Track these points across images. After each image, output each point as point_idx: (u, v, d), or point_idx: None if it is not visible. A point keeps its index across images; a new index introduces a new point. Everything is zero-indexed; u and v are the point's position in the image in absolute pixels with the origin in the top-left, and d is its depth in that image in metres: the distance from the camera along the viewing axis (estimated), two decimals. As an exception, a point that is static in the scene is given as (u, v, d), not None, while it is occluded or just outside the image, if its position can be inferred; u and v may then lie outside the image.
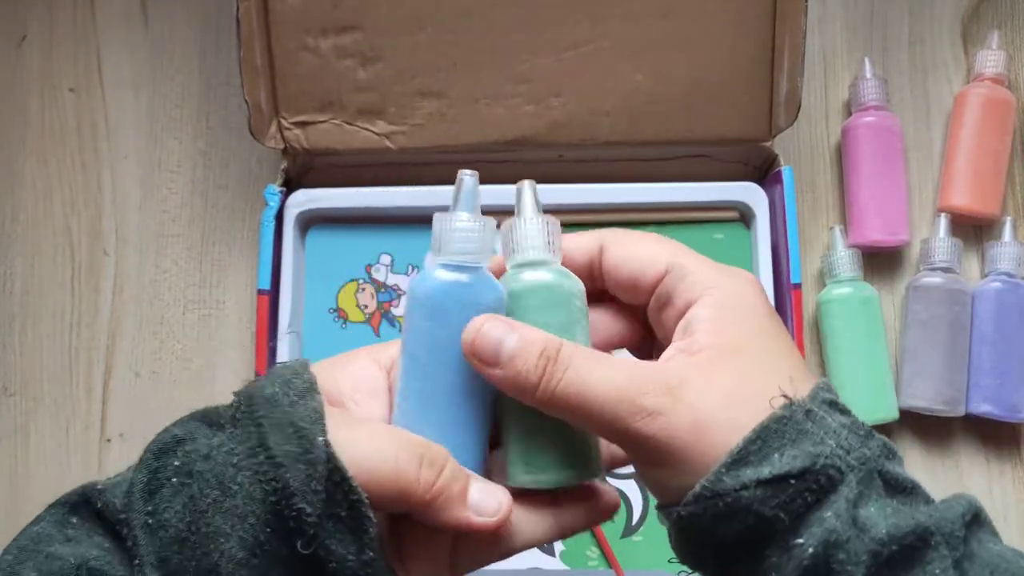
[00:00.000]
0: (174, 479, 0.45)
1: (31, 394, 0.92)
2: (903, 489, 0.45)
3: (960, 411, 0.85)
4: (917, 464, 0.87)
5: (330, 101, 0.83)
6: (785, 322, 0.81)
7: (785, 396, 0.45)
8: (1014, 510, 0.87)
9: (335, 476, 0.43)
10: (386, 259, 0.86)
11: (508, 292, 0.48)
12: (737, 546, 0.44)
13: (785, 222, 0.82)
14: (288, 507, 0.43)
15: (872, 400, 0.85)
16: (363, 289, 0.85)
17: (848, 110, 0.93)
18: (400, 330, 0.84)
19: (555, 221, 0.50)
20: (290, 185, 0.87)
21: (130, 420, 0.91)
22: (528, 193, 0.51)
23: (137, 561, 0.44)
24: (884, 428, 0.87)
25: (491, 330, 0.46)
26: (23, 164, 0.95)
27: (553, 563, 0.81)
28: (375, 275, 0.85)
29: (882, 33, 0.94)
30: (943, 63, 0.93)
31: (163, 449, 0.47)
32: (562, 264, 0.50)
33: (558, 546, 0.81)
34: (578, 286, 0.49)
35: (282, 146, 0.84)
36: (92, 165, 0.95)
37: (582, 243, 0.51)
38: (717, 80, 0.82)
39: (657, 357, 0.48)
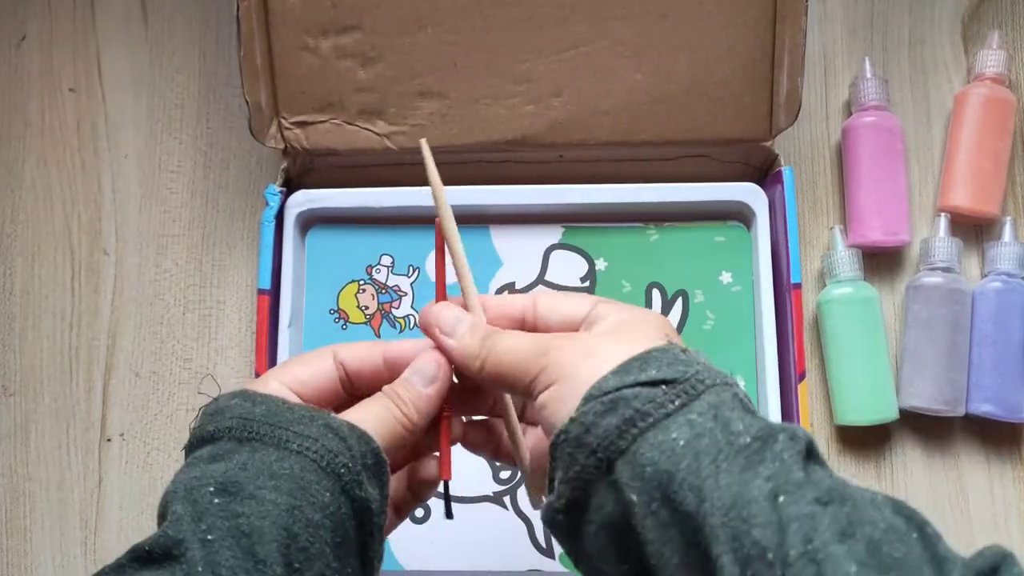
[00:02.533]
0: (217, 500, 0.52)
1: (31, 394, 0.92)
2: (756, 413, 0.52)
3: (960, 411, 0.85)
4: (917, 464, 0.87)
5: (330, 101, 0.83)
6: (785, 322, 0.82)
7: (667, 338, 0.55)
8: (1015, 510, 0.87)
9: (362, 440, 0.55)
10: (387, 260, 0.85)
11: None
12: (614, 440, 0.50)
13: (785, 222, 0.82)
14: (335, 467, 0.53)
15: (872, 400, 0.85)
16: (364, 290, 0.85)
17: (848, 110, 0.93)
18: (400, 331, 0.85)
19: None
20: (290, 185, 0.87)
21: (130, 420, 0.91)
22: None
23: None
24: (884, 428, 0.87)
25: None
26: (23, 164, 0.95)
27: (552, 565, 0.81)
28: (376, 276, 0.85)
29: (882, 33, 0.94)
30: (943, 63, 0.93)
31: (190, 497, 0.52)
32: (498, 315, 0.60)
33: (557, 548, 0.81)
34: None
35: (282, 146, 0.84)
36: (92, 165, 0.95)
37: (517, 300, 0.61)
38: (717, 80, 0.82)
39: None
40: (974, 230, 0.91)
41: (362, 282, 0.86)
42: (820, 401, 0.88)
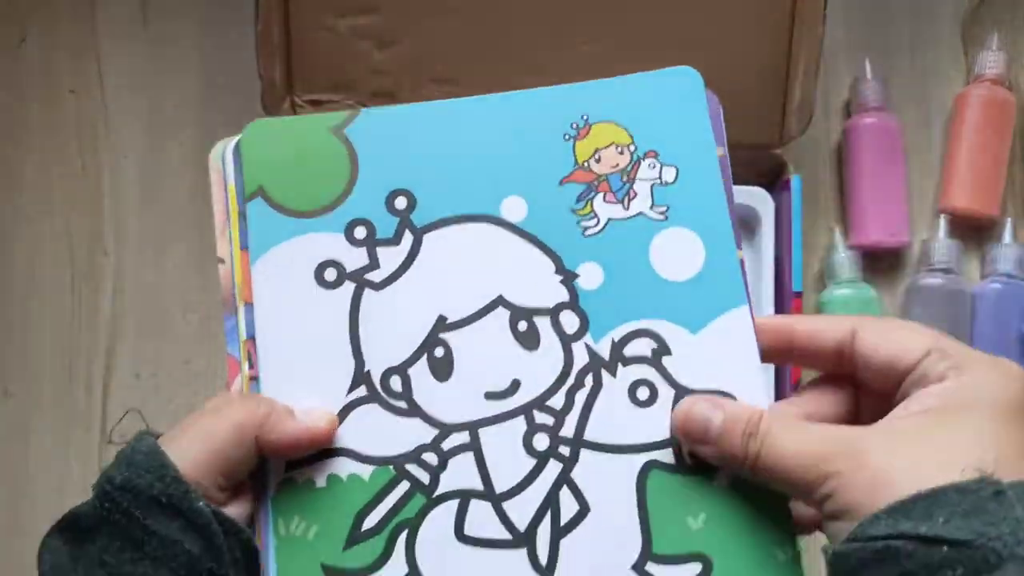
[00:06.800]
0: None
1: (31, 395, 0.91)
2: None
3: (961, 412, 0.85)
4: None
5: (345, 81, 0.83)
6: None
7: (980, 471, 0.41)
8: (1016, 512, 0.87)
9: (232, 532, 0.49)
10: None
11: None
12: None
13: (790, 230, 0.82)
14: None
15: (873, 402, 0.85)
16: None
17: (848, 111, 0.93)
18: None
19: None
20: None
21: (130, 421, 0.90)
22: None
23: None
24: (886, 430, 0.87)
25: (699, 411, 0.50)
26: (23, 166, 0.95)
27: None
28: None
29: (882, 34, 0.95)
30: (943, 64, 0.94)
31: None
32: (811, 346, 0.51)
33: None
34: None
35: (294, 123, 0.84)
36: (92, 167, 0.95)
37: (834, 324, 0.51)
38: (730, 83, 0.81)
39: None
40: (974, 231, 0.91)
41: None
42: (823, 400, 0.88)
